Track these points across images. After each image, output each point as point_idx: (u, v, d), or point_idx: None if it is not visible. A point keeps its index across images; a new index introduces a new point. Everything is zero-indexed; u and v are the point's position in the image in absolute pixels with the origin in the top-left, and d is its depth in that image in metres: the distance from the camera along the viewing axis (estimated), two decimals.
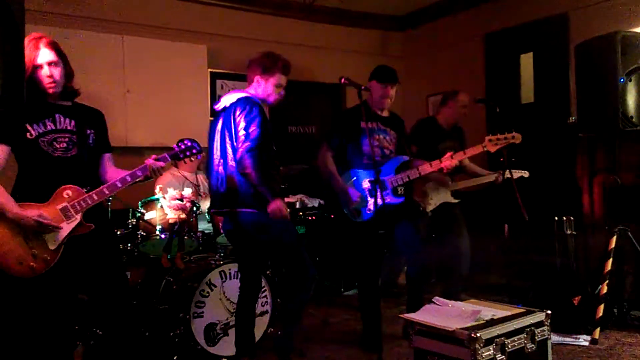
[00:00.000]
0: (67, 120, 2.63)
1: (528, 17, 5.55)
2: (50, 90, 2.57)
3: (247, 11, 5.86)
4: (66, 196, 2.55)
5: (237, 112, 3.04)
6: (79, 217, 2.55)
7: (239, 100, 3.11)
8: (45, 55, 2.54)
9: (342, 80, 3.09)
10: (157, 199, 3.83)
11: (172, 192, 3.74)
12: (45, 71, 2.54)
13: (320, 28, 6.34)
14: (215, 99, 5.70)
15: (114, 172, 2.77)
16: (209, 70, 5.59)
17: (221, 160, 3.10)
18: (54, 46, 2.58)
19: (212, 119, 3.32)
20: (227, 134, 3.08)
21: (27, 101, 2.46)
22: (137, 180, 2.68)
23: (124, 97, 4.97)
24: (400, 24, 6.93)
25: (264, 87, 3.21)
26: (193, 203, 3.86)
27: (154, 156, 2.73)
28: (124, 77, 4.95)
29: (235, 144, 3.02)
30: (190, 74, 5.44)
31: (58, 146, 2.57)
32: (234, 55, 5.78)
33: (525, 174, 4.17)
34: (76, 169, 2.61)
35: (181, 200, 3.76)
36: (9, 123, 2.49)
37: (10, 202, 2.43)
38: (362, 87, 3.07)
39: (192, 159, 2.88)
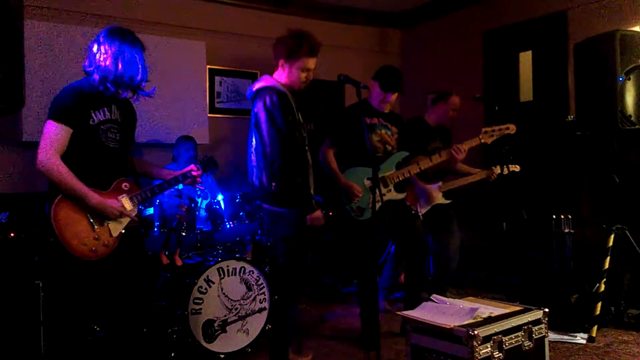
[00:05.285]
0: (118, 112, 2.69)
1: (527, 15, 5.54)
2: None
3: (246, 7, 5.84)
4: (125, 188, 2.66)
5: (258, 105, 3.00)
6: (136, 209, 2.66)
7: (259, 91, 3.06)
8: None
9: (341, 78, 3.09)
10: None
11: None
12: None
13: (319, 25, 6.31)
14: (213, 95, 5.69)
15: (140, 164, 2.90)
16: (208, 66, 5.58)
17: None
18: None
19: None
20: (254, 128, 3.03)
21: (92, 90, 2.57)
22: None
23: None
24: (399, 21, 6.92)
25: (288, 73, 3.06)
26: (191, 200, 3.86)
27: (192, 166, 2.89)
28: None
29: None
30: (189, 70, 5.43)
31: (111, 136, 2.63)
32: (233, 51, 5.78)
33: (517, 168, 4.17)
34: (123, 160, 2.72)
35: (179, 197, 3.76)
36: (76, 107, 2.52)
37: (91, 191, 2.50)
38: (362, 85, 3.06)
39: (210, 173, 3.04)
